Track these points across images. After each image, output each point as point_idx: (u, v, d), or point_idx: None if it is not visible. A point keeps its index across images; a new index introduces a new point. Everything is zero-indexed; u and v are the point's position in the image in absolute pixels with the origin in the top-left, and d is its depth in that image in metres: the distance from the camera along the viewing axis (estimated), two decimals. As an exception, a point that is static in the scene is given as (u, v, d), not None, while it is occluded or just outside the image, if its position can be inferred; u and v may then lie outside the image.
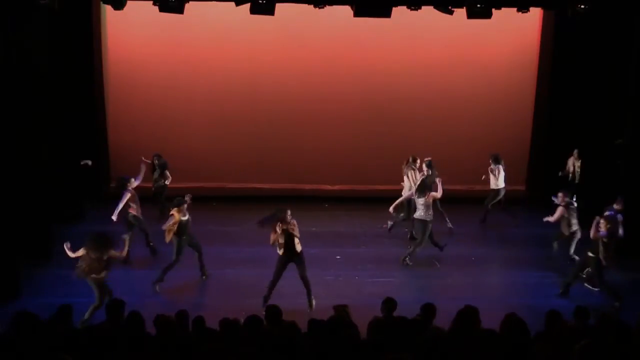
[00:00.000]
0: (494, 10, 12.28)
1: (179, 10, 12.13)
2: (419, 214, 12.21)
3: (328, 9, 12.31)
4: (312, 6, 12.22)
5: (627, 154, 13.16)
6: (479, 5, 12.11)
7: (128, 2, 12.37)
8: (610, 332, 6.42)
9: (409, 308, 7.72)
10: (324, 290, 11.37)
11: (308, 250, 12.06)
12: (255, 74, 15.67)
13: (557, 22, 15.11)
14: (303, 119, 15.88)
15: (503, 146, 15.57)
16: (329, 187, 15.97)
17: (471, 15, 12.32)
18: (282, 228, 10.25)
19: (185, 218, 11.05)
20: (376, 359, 6.09)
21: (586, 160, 14.80)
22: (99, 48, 15.13)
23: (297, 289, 11.26)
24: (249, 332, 6.54)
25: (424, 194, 12.10)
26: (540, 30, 15.74)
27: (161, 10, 12.11)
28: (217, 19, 14.99)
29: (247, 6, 11.95)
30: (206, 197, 14.46)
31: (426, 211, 12.08)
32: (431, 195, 12.11)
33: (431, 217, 12.19)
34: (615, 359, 5.92)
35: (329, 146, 15.83)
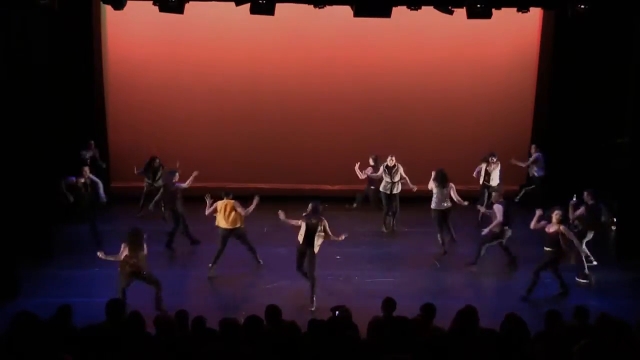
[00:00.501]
0: (494, 10, 12.28)
1: (179, 10, 12.13)
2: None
3: (328, 9, 12.31)
4: (312, 6, 12.21)
5: (627, 154, 13.15)
6: (479, 5, 12.11)
7: (128, 2, 12.38)
8: (610, 332, 6.43)
9: (409, 308, 7.72)
10: (324, 290, 11.38)
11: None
12: (255, 74, 15.67)
13: (557, 22, 15.10)
14: (303, 119, 15.88)
15: (503, 146, 15.56)
16: (329, 187, 15.96)
17: (471, 15, 12.32)
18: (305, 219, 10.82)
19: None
20: (376, 359, 6.09)
21: (586, 160, 14.79)
22: (99, 48, 15.14)
23: (297, 289, 11.27)
24: (248, 332, 6.54)
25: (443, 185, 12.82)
26: (540, 30, 15.73)
27: (161, 10, 12.11)
28: (217, 19, 14.99)
29: (247, 6, 11.95)
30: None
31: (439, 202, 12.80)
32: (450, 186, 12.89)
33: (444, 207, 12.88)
34: (615, 359, 5.93)
35: (329, 146, 15.83)
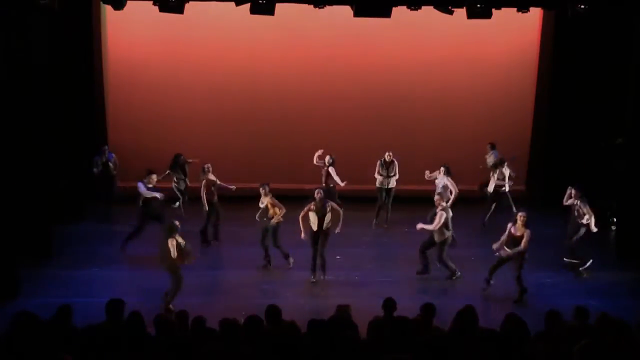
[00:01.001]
0: (494, 10, 12.29)
1: (179, 10, 12.14)
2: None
3: (328, 9, 12.32)
4: (312, 6, 12.23)
5: (626, 154, 13.15)
6: (479, 5, 12.12)
7: (128, 2, 12.39)
8: (610, 332, 6.42)
9: (409, 308, 7.72)
10: (324, 290, 11.39)
11: (308, 250, 12.08)
12: (255, 73, 15.67)
13: (557, 22, 15.10)
14: (303, 118, 15.89)
15: (503, 146, 15.56)
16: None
17: (471, 15, 12.33)
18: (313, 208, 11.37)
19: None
20: (376, 359, 6.09)
21: (586, 160, 14.78)
22: (99, 48, 15.14)
23: (297, 289, 11.29)
24: (248, 332, 6.54)
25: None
26: (540, 30, 15.73)
27: (161, 10, 12.12)
28: (217, 19, 15.00)
29: (247, 6, 11.96)
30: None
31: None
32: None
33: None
34: (615, 359, 5.92)
35: (329, 146, 15.79)
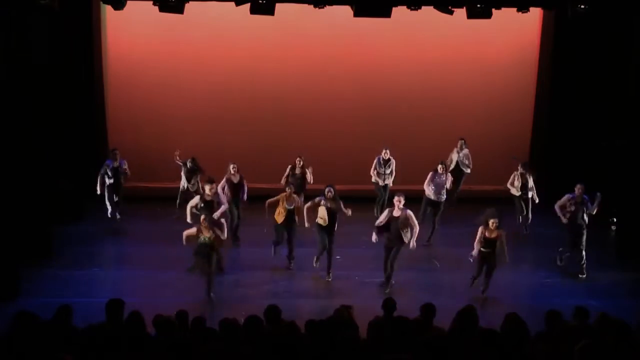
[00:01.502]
0: (494, 10, 12.30)
1: (179, 10, 12.15)
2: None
3: (328, 9, 12.32)
4: (312, 6, 12.23)
5: (626, 155, 13.15)
6: (479, 5, 12.13)
7: (128, 2, 12.40)
8: (610, 332, 6.42)
9: (409, 308, 7.72)
10: (324, 290, 11.39)
11: (308, 250, 12.08)
12: (255, 74, 15.66)
13: (557, 22, 15.10)
14: (303, 118, 15.88)
15: (503, 146, 15.57)
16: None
17: (471, 15, 12.34)
18: (324, 204, 11.50)
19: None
20: (376, 359, 6.09)
21: (586, 160, 14.78)
22: (99, 48, 15.12)
23: (298, 289, 11.29)
24: (248, 332, 6.54)
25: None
26: (540, 30, 15.72)
27: (161, 10, 12.13)
28: (217, 19, 14.98)
29: (247, 6, 11.96)
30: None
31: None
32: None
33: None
34: (615, 359, 5.92)
35: (329, 146, 15.82)
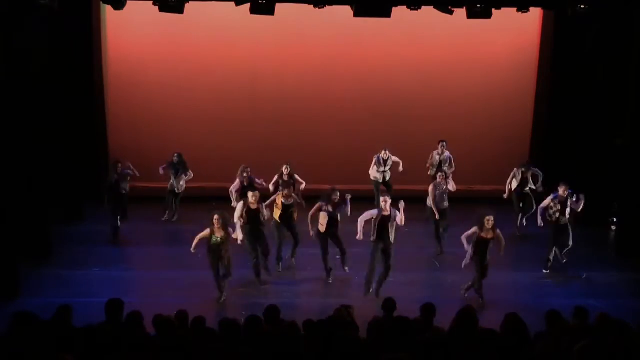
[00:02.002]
0: (494, 10, 12.30)
1: (179, 10, 12.15)
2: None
3: (328, 8, 12.32)
4: (312, 6, 12.23)
5: (626, 154, 13.15)
6: (479, 5, 12.14)
7: (128, 2, 12.40)
8: (610, 332, 6.42)
9: (409, 308, 7.72)
10: (324, 290, 11.39)
11: (308, 250, 12.09)
12: (255, 74, 15.68)
13: (557, 22, 15.10)
14: (303, 118, 15.89)
15: (503, 146, 15.58)
16: (329, 187, 15.92)
17: (471, 15, 12.34)
18: (326, 209, 11.60)
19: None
20: (376, 359, 6.08)
21: (586, 160, 14.79)
22: (99, 48, 15.13)
23: (298, 289, 11.29)
24: (248, 332, 6.54)
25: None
26: (540, 30, 15.73)
27: (161, 10, 12.13)
28: (217, 19, 14.99)
29: (247, 6, 11.97)
30: (206, 197, 14.47)
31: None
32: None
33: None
34: (615, 359, 5.91)
35: (329, 146, 15.83)
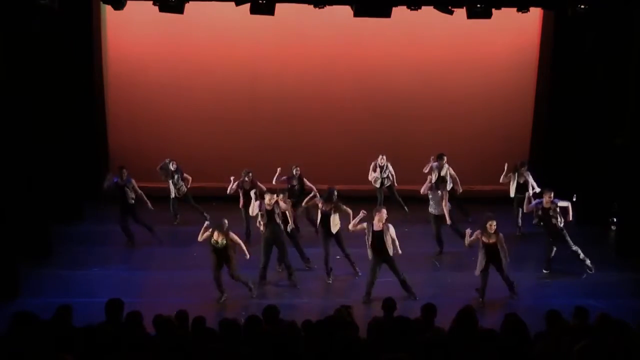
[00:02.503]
0: (494, 10, 12.30)
1: (179, 10, 12.15)
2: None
3: (328, 8, 12.32)
4: (312, 6, 12.23)
5: (626, 154, 13.14)
6: (479, 5, 12.14)
7: (128, 2, 12.39)
8: (610, 332, 6.42)
9: (409, 308, 7.73)
10: (324, 290, 11.38)
11: (308, 250, 12.08)
12: (255, 73, 15.67)
13: (557, 22, 15.10)
14: (303, 118, 15.88)
15: (503, 146, 15.57)
16: (327, 187, 15.93)
17: (471, 15, 12.34)
18: (321, 207, 11.71)
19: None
20: (376, 359, 6.08)
21: (586, 160, 14.78)
22: (99, 48, 15.13)
23: (297, 289, 11.29)
24: (248, 332, 6.54)
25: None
26: (540, 30, 15.72)
27: (161, 10, 12.13)
28: (217, 19, 14.99)
29: (247, 6, 11.96)
30: (206, 197, 14.47)
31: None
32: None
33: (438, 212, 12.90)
34: (615, 359, 5.91)
35: (329, 146, 15.82)
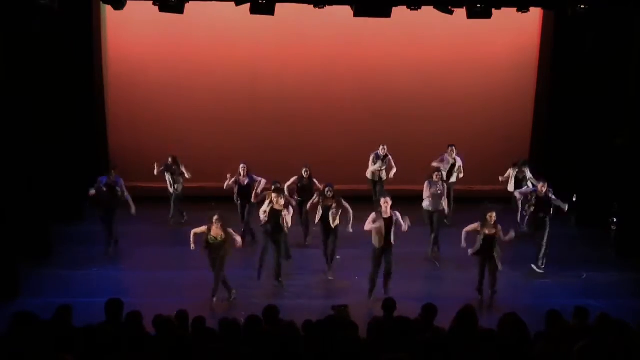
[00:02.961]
0: (494, 10, 12.29)
1: (179, 10, 12.15)
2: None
3: (328, 8, 12.32)
4: (312, 6, 12.23)
5: (626, 154, 13.14)
6: (479, 5, 12.14)
7: (128, 2, 12.39)
8: (610, 332, 6.42)
9: (409, 308, 7.72)
10: (324, 290, 11.39)
11: (308, 250, 12.09)
12: (255, 73, 15.67)
13: (557, 22, 15.10)
14: (303, 118, 15.88)
15: (503, 146, 15.57)
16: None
17: (471, 15, 12.34)
18: (322, 203, 11.76)
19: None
20: (376, 359, 6.08)
21: (586, 160, 14.78)
22: (99, 48, 15.13)
23: (298, 289, 11.30)
24: (248, 332, 6.54)
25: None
26: (540, 30, 15.73)
27: (161, 10, 12.13)
28: (217, 19, 14.99)
29: (247, 6, 11.96)
30: (206, 197, 14.46)
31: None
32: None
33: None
34: (615, 359, 5.91)
35: (329, 146, 15.82)
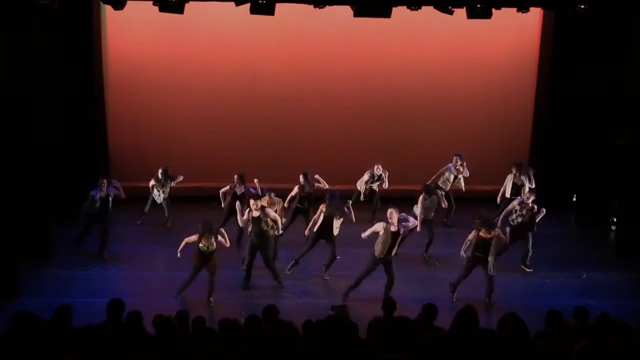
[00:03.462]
0: (494, 10, 12.29)
1: (179, 10, 12.14)
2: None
3: (328, 8, 12.31)
4: (312, 6, 12.23)
5: (626, 154, 13.14)
6: (479, 5, 12.13)
7: (128, 2, 12.39)
8: (610, 332, 6.42)
9: (409, 308, 7.72)
10: (324, 290, 11.38)
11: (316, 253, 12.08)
12: (255, 73, 15.67)
13: (557, 22, 15.10)
14: (303, 118, 15.88)
15: (503, 146, 15.57)
16: (329, 187, 15.94)
17: (471, 15, 12.33)
18: (323, 211, 11.60)
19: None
20: (376, 359, 6.08)
21: (586, 160, 14.78)
22: (99, 48, 15.11)
23: (298, 289, 11.29)
24: (248, 332, 6.54)
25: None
26: (540, 30, 15.73)
27: (161, 10, 12.12)
28: (217, 19, 14.99)
29: (247, 6, 11.96)
30: (206, 197, 14.46)
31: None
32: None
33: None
34: (615, 359, 5.92)
35: (329, 145, 15.82)
